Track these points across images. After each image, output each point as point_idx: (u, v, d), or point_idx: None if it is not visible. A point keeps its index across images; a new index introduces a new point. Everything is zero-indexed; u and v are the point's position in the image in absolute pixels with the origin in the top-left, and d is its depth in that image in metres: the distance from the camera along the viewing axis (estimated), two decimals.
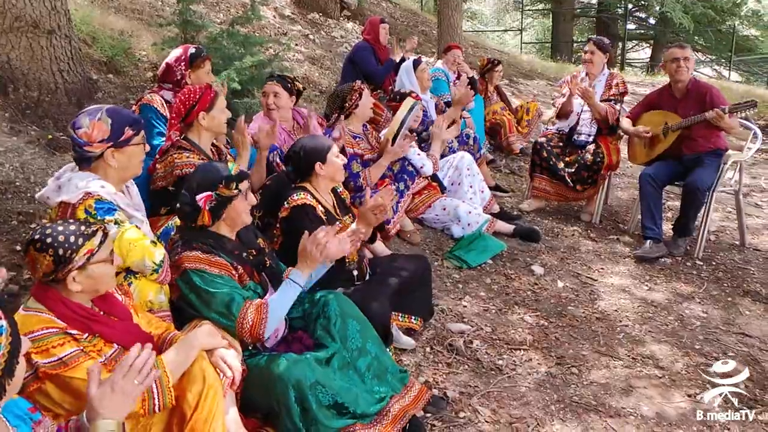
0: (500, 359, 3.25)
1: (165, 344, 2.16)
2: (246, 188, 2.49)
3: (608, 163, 5.07)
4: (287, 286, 2.48)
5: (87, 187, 2.32)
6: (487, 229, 4.59)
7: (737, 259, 4.71)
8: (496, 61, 6.94)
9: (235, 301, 2.34)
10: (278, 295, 2.46)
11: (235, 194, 2.43)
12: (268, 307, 2.38)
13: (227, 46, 5.17)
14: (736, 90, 13.24)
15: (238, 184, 2.44)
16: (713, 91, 4.56)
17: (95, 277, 1.94)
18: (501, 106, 6.84)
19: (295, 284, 2.48)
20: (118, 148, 2.42)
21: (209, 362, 2.07)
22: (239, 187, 2.45)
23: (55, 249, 1.86)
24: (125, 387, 1.63)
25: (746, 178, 6.59)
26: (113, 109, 2.45)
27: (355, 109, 4.22)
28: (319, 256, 2.50)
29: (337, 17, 10.24)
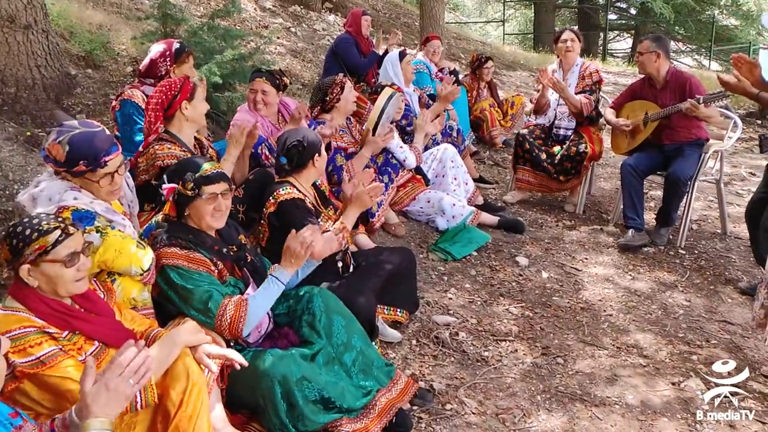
0: (486, 351, 3.26)
1: (148, 341, 2.14)
2: (215, 191, 2.43)
3: (591, 153, 5.09)
4: (270, 283, 2.47)
5: (60, 201, 2.28)
6: (472, 221, 4.59)
7: (719, 248, 4.76)
8: (485, 57, 6.92)
9: (213, 298, 2.32)
10: (260, 292, 2.45)
11: (190, 195, 2.40)
12: (248, 303, 2.37)
13: (208, 40, 5.12)
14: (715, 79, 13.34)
15: (198, 185, 2.40)
16: (692, 81, 4.59)
17: (49, 275, 1.89)
18: (490, 102, 6.83)
19: (278, 282, 2.47)
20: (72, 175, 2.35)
21: (193, 359, 2.05)
22: (200, 190, 2.40)
23: (11, 239, 1.87)
24: (120, 386, 1.60)
25: (727, 167, 6.64)
26: (82, 137, 2.30)
27: (337, 103, 4.20)
28: (303, 254, 2.50)
29: (318, 10, 10.19)
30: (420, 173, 4.80)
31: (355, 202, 3.01)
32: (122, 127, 3.48)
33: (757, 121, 8.94)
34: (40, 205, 2.29)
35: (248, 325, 2.37)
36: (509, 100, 7.07)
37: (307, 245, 2.50)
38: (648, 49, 4.60)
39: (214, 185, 2.45)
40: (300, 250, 2.49)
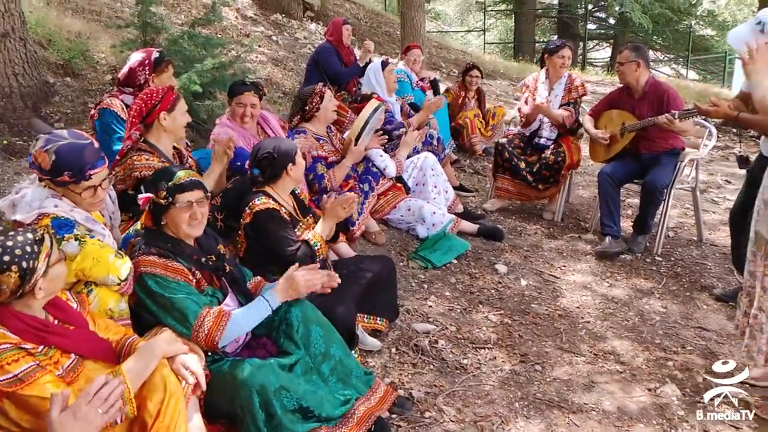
0: (465, 358, 3.28)
1: (124, 349, 2.13)
2: (191, 200, 2.43)
3: (569, 162, 5.15)
4: (259, 304, 2.49)
5: (40, 208, 2.28)
6: (452, 229, 4.62)
7: (695, 255, 4.83)
8: (470, 65, 6.97)
9: (191, 309, 2.32)
10: (247, 310, 2.46)
11: (164, 204, 2.40)
12: (229, 318, 2.37)
13: (188, 48, 5.11)
14: (693, 88, 13.56)
15: (172, 193, 2.40)
16: (670, 93, 4.65)
17: (55, 278, 1.92)
18: (475, 113, 6.88)
19: (267, 305, 2.48)
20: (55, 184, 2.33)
21: (170, 369, 2.05)
22: (174, 198, 2.40)
23: (18, 263, 1.82)
24: (88, 415, 1.59)
25: (703, 174, 6.75)
26: (69, 148, 2.28)
27: (316, 112, 4.21)
28: (305, 291, 2.55)
29: (300, 18, 10.21)
30: (400, 181, 4.82)
31: (328, 213, 3.03)
32: (101, 135, 3.47)
33: (733, 130, 9.08)
34: (19, 211, 2.28)
35: (225, 339, 2.38)
36: (491, 110, 7.13)
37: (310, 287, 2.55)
38: (628, 58, 4.67)
39: (189, 193, 2.45)
40: (303, 287, 2.54)
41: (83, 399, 1.60)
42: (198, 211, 2.47)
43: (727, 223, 5.43)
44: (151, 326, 2.40)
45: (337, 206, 3.01)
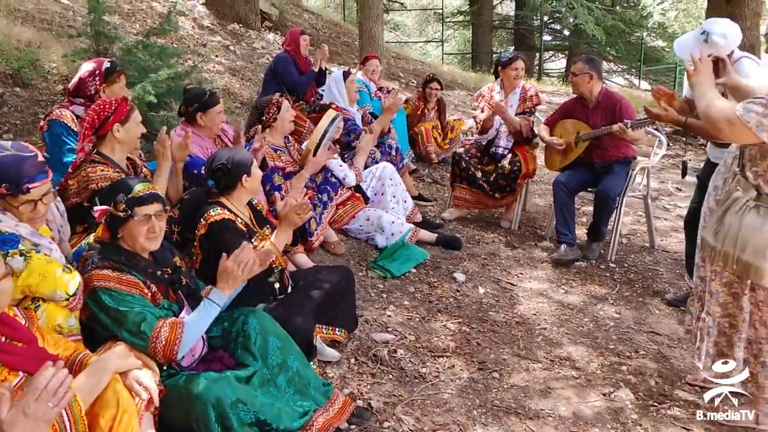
0: (424, 367, 3.29)
1: (75, 366, 2.08)
2: (149, 213, 2.40)
3: (525, 171, 5.24)
4: (206, 305, 2.45)
5: None
6: (411, 239, 4.65)
7: (647, 261, 4.95)
8: (430, 77, 7.02)
9: (147, 321, 2.28)
10: (196, 315, 2.43)
11: (123, 217, 2.37)
12: (183, 326, 2.34)
13: (143, 58, 5.04)
14: (645, 98, 13.89)
15: (131, 206, 2.37)
16: (623, 103, 4.78)
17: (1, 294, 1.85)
18: (433, 124, 6.94)
19: (213, 304, 2.45)
20: None
21: (123, 385, 2.01)
22: (132, 211, 2.37)
23: None
24: (38, 411, 1.54)
25: (654, 182, 6.93)
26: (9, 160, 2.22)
27: (273, 122, 4.20)
28: (242, 275, 2.49)
29: (258, 28, 10.16)
30: (359, 191, 4.83)
31: (284, 221, 3.01)
32: (51, 147, 3.40)
33: (683, 139, 9.35)
34: None
35: (183, 349, 2.34)
36: (450, 123, 7.19)
37: (243, 265, 2.49)
38: (581, 70, 4.78)
39: (147, 206, 2.42)
40: (237, 270, 2.48)
41: (31, 395, 1.54)
42: (156, 224, 2.45)
43: (678, 230, 5.61)
44: (103, 341, 2.36)
45: (291, 213, 2.99)
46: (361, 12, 10.16)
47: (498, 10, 24.23)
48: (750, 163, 2.64)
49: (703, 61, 2.69)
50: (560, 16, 20.96)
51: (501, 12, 24.88)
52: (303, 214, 3.00)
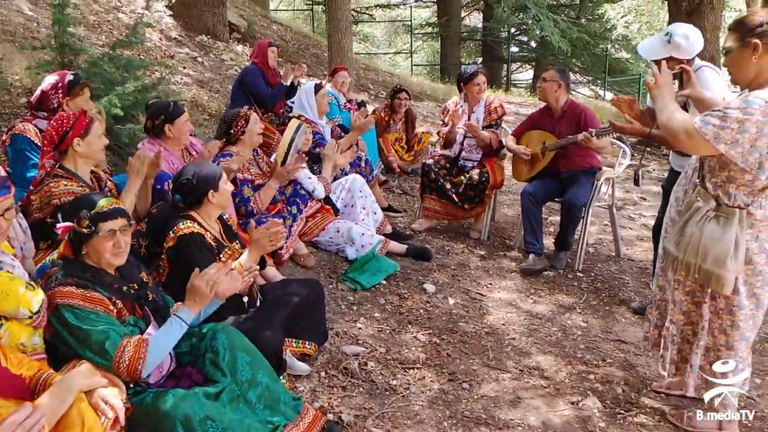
0: (394, 379, 3.30)
1: (39, 385, 2.04)
2: (113, 228, 2.37)
3: (493, 182, 5.30)
4: (173, 323, 2.43)
5: None
6: (381, 250, 4.66)
7: (613, 270, 5.03)
8: (398, 88, 7.06)
9: (111, 339, 2.25)
10: (162, 332, 2.40)
11: (87, 233, 2.34)
12: (148, 344, 2.31)
13: (108, 71, 4.98)
14: (610, 109, 14.13)
15: (95, 222, 2.34)
16: (587, 113, 4.88)
17: None
18: (397, 136, 6.97)
19: (181, 321, 2.43)
20: None
21: (88, 404, 1.98)
22: (97, 227, 2.34)
23: None
24: None
25: (620, 192, 7.05)
26: None
27: (241, 135, 4.18)
28: (209, 293, 2.47)
29: (226, 40, 10.12)
30: (329, 203, 4.83)
31: (254, 244, 2.99)
32: (13, 162, 3.34)
33: (647, 149, 9.52)
34: None
35: (148, 367, 2.31)
36: (418, 135, 7.23)
37: (212, 284, 2.48)
38: (552, 77, 4.86)
39: (112, 221, 2.39)
40: (205, 288, 2.47)
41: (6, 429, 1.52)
42: (121, 239, 2.42)
43: (643, 239, 5.72)
44: (68, 359, 2.31)
45: (263, 238, 2.96)
46: (329, 23, 10.19)
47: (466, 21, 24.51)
48: (709, 174, 2.70)
49: (663, 73, 2.75)
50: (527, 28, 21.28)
51: (469, 24, 25.17)
52: (275, 242, 2.99)
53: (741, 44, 2.54)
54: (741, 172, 2.53)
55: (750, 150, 2.45)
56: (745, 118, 2.41)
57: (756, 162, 2.47)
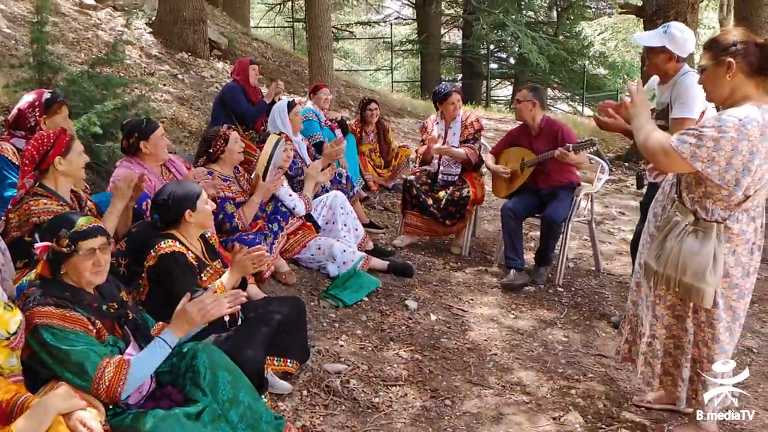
0: (376, 397, 3.29)
1: (16, 409, 2.01)
2: (93, 246, 2.35)
3: (473, 198, 5.33)
4: (156, 345, 2.41)
5: None
6: (362, 267, 4.66)
7: (593, 284, 5.07)
8: (367, 100, 7.13)
9: (90, 360, 2.22)
10: (145, 354, 2.38)
11: (66, 252, 2.32)
12: (129, 366, 2.29)
13: (88, 89, 4.96)
14: (588, 124, 14.31)
15: (75, 241, 2.32)
16: (564, 129, 4.95)
17: None
18: (371, 148, 7.01)
19: (165, 344, 2.41)
20: None
21: (66, 427, 1.95)
22: (76, 246, 2.33)
23: None
24: None
25: (599, 207, 7.13)
26: None
27: (221, 154, 4.18)
28: (200, 319, 2.46)
29: (206, 57, 10.11)
30: (310, 220, 4.83)
31: (236, 265, 2.99)
32: None
33: (625, 164, 9.65)
34: None
35: (128, 389, 2.29)
36: (395, 150, 7.26)
37: (204, 312, 2.47)
38: (525, 97, 4.93)
39: (91, 240, 2.37)
40: (197, 316, 2.46)
41: None
42: (101, 257, 2.40)
43: (622, 253, 5.77)
44: (45, 381, 2.28)
45: (246, 261, 2.97)
46: (310, 41, 10.24)
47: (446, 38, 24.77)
48: (687, 189, 2.75)
49: (639, 92, 2.80)
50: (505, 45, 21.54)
51: (448, 41, 25.42)
52: (258, 264, 2.99)
53: (715, 63, 2.59)
54: (717, 188, 2.57)
55: (726, 168, 2.49)
56: (720, 137, 2.46)
57: (733, 179, 2.51)
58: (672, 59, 3.65)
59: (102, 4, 9.96)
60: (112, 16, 9.69)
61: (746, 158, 2.47)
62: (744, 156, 2.47)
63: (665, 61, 3.67)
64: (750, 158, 2.47)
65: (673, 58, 3.65)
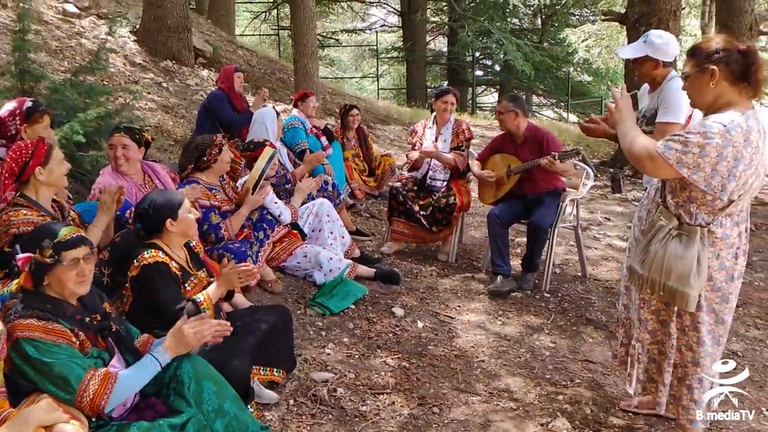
0: (364, 405, 3.27)
1: None
2: (77, 256, 2.34)
3: (460, 204, 5.34)
4: (148, 362, 2.39)
5: None
6: (349, 274, 4.64)
7: (580, 290, 5.08)
8: (348, 106, 7.15)
9: (74, 373, 2.19)
10: (135, 370, 2.36)
11: (50, 263, 2.30)
12: (116, 380, 2.26)
13: (70, 97, 4.92)
14: (573, 131, 14.40)
15: (58, 251, 2.30)
16: (549, 137, 4.97)
17: None
18: (354, 153, 7.01)
19: (156, 362, 2.39)
20: None
21: None
22: (60, 256, 2.30)
23: None
24: None
25: (585, 213, 7.16)
26: None
27: (213, 164, 4.17)
28: (195, 343, 2.46)
29: (191, 65, 10.08)
30: (296, 228, 4.81)
31: (222, 278, 2.97)
32: None
33: (610, 170, 9.70)
34: None
35: (112, 403, 2.26)
36: (377, 158, 7.25)
37: (201, 337, 2.46)
38: (506, 108, 4.95)
39: (75, 250, 2.35)
40: (193, 339, 2.45)
41: None
42: (85, 267, 2.38)
43: (608, 258, 5.79)
44: (27, 393, 2.25)
45: (233, 275, 2.95)
46: (296, 48, 10.23)
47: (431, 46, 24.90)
48: (671, 194, 2.76)
49: (623, 97, 2.81)
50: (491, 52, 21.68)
51: (434, 48, 25.56)
52: (245, 280, 2.98)
53: (698, 70, 2.61)
54: (702, 192, 2.59)
55: (711, 174, 2.51)
56: (705, 143, 2.47)
57: (719, 185, 2.53)
58: (658, 66, 3.69)
59: (86, 13, 9.91)
60: (95, 24, 9.64)
61: (731, 164, 2.49)
62: (729, 162, 2.48)
63: (652, 68, 3.71)
64: (735, 164, 2.49)
65: (659, 64, 3.68)
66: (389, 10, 24.80)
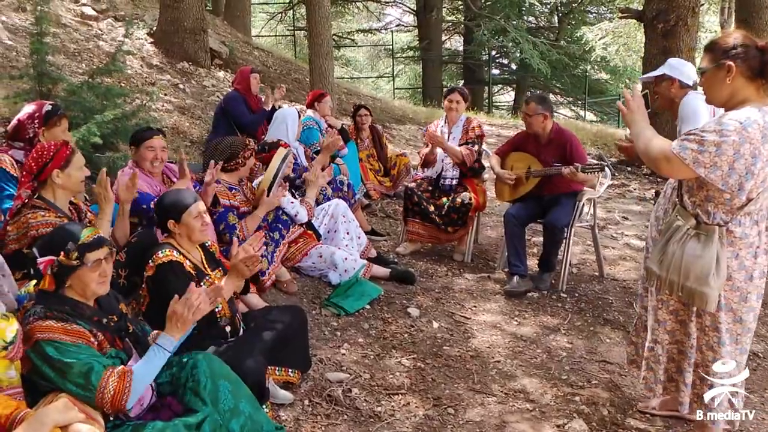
0: (379, 406, 3.26)
1: (15, 425, 1.99)
2: (99, 257, 2.36)
3: (475, 204, 5.31)
4: (155, 351, 2.40)
5: None
6: (364, 274, 4.64)
7: (597, 290, 5.03)
8: (357, 106, 7.14)
9: (95, 371, 2.21)
10: (144, 362, 2.37)
11: (75, 265, 2.32)
12: (132, 374, 2.27)
13: (88, 99, 4.96)
14: (591, 129, 14.32)
15: (83, 253, 2.32)
16: (573, 142, 4.89)
17: None
18: (368, 153, 7.00)
19: (162, 350, 2.40)
20: None
21: None
22: (84, 258, 2.32)
23: None
24: None
25: (602, 212, 7.10)
26: None
27: (241, 167, 4.24)
28: (191, 318, 2.45)
29: (207, 66, 10.13)
30: (312, 228, 4.82)
31: (232, 271, 2.98)
32: None
33: (627, 168, 9.62)
34: None
35: (132, 398, 2.28)
36: (393, 158, 7.24)
37: (194, 309, 2.45)
38: (535, 111, 4.87)
39: (97, 251, 2.38)
40: (187, 314, 2.44)
41: None
42: (107, 268, 2.41)
43: (626, 258, 5.74)
44: (45, 394, 2.27)
45: (240, 264, 2.95)
46: (311, 49, 10.23)
47: (447, 45, 24.82)
48: (688, 194, 2.73)
49: (635, 97, 2.78)
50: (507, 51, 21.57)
51: (450, 47, 25.48)
52: (252, 267, 2.97)
53: (715, 66, 2.58)
54: (719, 191, 2.55)
55: (729, 172, 2.47)
56: (721, 141, 2.44)
57: (736, 183, 2.49)
58: (674, 84, 3.70)
59: (103, 15, 10.00)
60: (113, 26, 9.72)
61: (749, 161, 2.45)
62: (747, 159, 2.44)
63: (668, 87, 3.72)
64: (753, 161, 2.45)
65: (674, 83, 3.68)
66: (405, 9, 24.76)
